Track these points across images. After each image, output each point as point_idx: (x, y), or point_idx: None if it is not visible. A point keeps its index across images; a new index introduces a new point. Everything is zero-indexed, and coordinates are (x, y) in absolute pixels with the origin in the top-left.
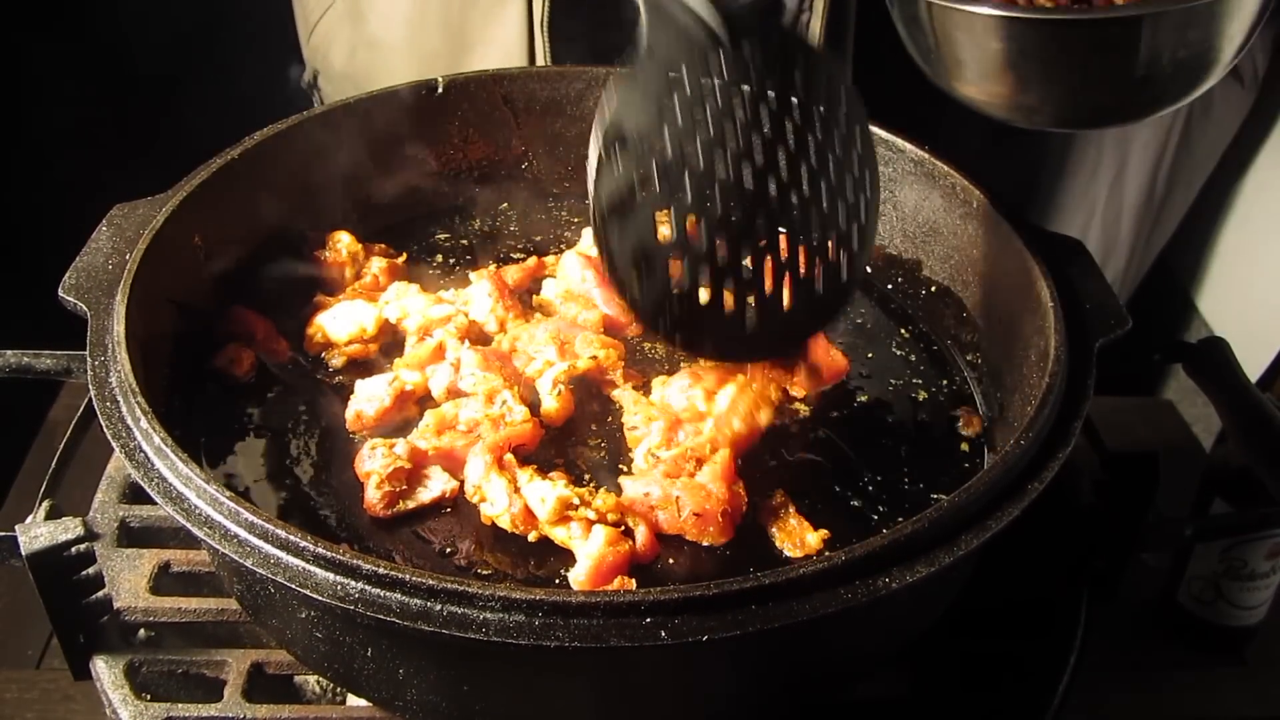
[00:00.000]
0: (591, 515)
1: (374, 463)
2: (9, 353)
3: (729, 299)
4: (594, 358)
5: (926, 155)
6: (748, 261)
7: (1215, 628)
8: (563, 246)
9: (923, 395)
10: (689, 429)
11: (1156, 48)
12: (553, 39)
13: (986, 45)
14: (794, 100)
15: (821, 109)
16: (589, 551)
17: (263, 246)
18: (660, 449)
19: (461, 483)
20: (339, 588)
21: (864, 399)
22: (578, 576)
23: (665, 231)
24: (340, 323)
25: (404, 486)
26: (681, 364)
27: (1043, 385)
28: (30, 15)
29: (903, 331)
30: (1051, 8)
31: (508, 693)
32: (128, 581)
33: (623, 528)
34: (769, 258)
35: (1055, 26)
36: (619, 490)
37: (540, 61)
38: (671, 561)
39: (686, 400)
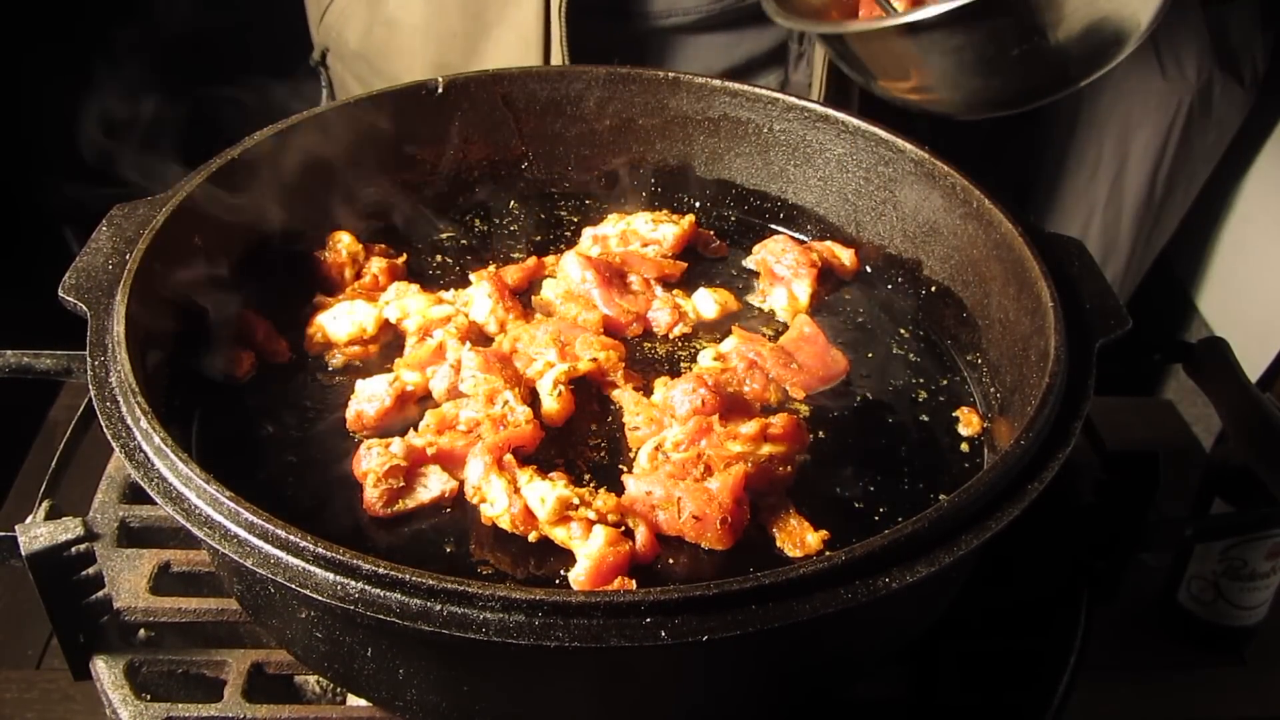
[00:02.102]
0: (591, 515)
1: (370, 462)
2: (9, 353)
3: None
4: (594, 359)
5: (926, 155)
6: None
7: (1215, 628)
8: (563, 246)
9: (923, 395)
10: (714, 436)
11: (1037, 21)
12: (570, 24)
13: (891, 53)
14: None
15: None
16: (589, 552)
17: (263, 246)
18: (674, 449)
19: (461, 483)
20: (339, 588)
21: (864, 399)
22: (578, 577)
23: None
24: (340, 323)
25: (401, 484)
26: (682, 366)
27: (1043, 385)
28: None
29: (902, 331)
30: (923, 9)
31: (508, 693)
32: (128, 581)
33: (623, 528)
34: None
35: (954, 18)
36: (619, 490)
37: (556, 46)
38: (671, 562)
39: (690, 405)
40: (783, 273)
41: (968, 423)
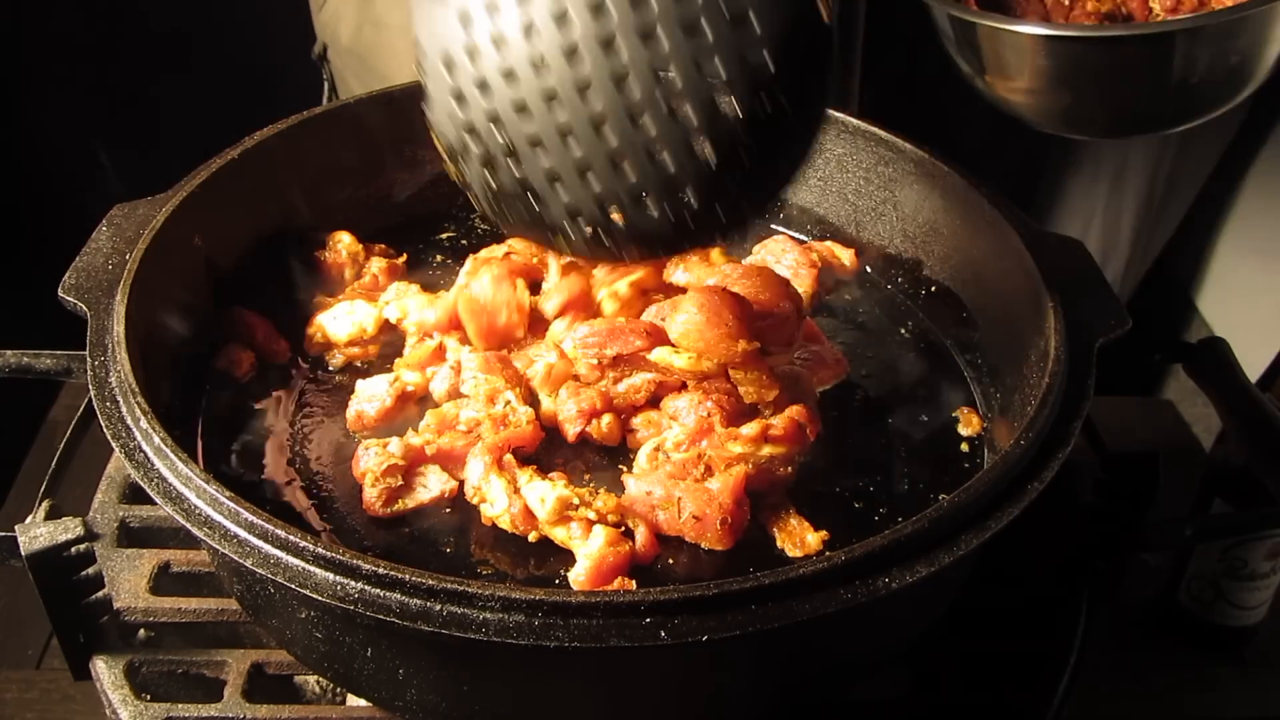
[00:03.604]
0: (591, 516)
1: (368, 461)
2: (9, 353)
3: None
4: None
5: (926, 155)
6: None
7: (1215, 628)
8: None
9: (923, 395)
10: (714, 437)
11: (1195, 59)
12: None
13: (1034, 63)
14: None
15: None
16: (589, 552)
17: (263, 246)
18: (674, 450)
19: (461, 483)
20: (339, 588)
21: (864, 399)
22: (578, 577)
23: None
24: (340, 323)
25: (400, 483)
26: None
27: (1043, 385)
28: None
29: (903, 331)
30: (1093, 25)
31: (508, 693)
32: (128, 581)
33: (623, 528)
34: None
35: (1098, 43)
36: (619, 491)
37: None
38: (671, 562)
39: (696, 416)
40: (783, 273)
41: (968, 423)
